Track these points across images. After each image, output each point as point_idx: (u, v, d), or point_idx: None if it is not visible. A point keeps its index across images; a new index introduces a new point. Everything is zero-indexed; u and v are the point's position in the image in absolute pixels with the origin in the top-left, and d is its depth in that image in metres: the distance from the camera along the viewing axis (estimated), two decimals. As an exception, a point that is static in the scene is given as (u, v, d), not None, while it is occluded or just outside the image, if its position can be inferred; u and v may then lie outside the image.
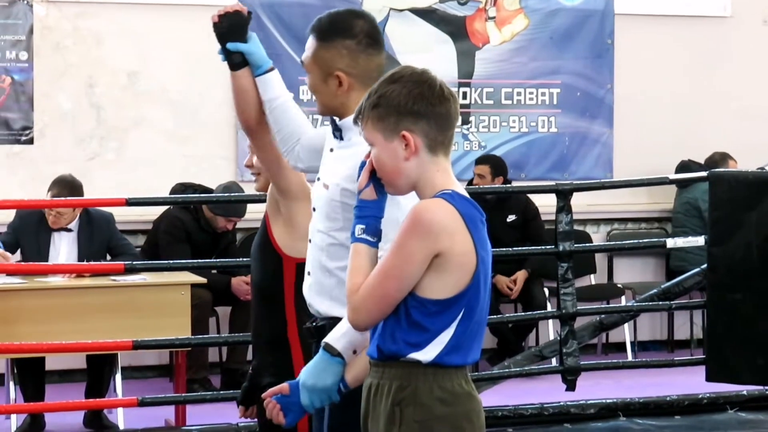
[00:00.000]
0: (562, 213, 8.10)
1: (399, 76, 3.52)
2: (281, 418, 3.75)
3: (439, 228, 3.39)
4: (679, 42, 10.87)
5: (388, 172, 3.51)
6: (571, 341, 8.15)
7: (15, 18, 9.40)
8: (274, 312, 4.56)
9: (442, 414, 3.54)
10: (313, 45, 4.25)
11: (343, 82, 4.08)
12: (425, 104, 3.47)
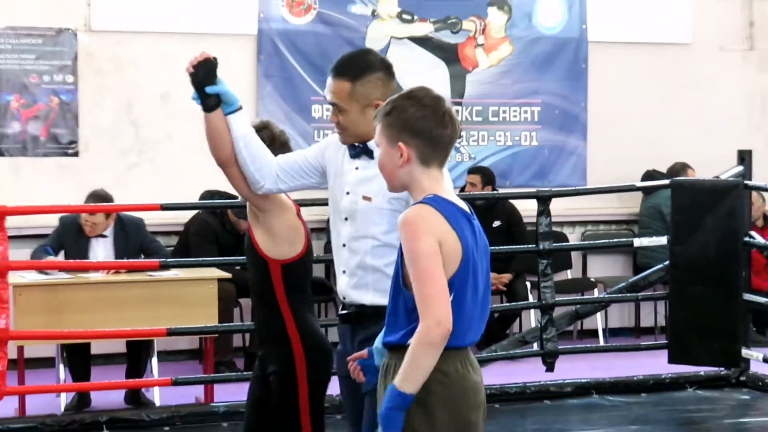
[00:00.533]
0: (542, 216, 8.15)
1: (414, 95, 3.62)
2: (362, 377, 3.81)
3: (427, 225, 3.47)
4: (645, 66, 10.91)
5: (386, 172, 3.65)
6: (550, 328, 8.19)
7: (62, 46, 9.46)
8: (270, 310, 4.61)
9: (437, 392, 3.50)
10: (347, 86, 4.30)
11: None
12: (425, 125, 3.56)
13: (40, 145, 9.42)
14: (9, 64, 9.34)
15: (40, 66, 9.41)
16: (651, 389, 8.44)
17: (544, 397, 8.24)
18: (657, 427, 7.57)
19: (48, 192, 9.20)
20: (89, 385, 7.73)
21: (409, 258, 3.45)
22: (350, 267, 4.27)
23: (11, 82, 9.34)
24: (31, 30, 9.38)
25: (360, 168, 4.29)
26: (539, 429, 7.59)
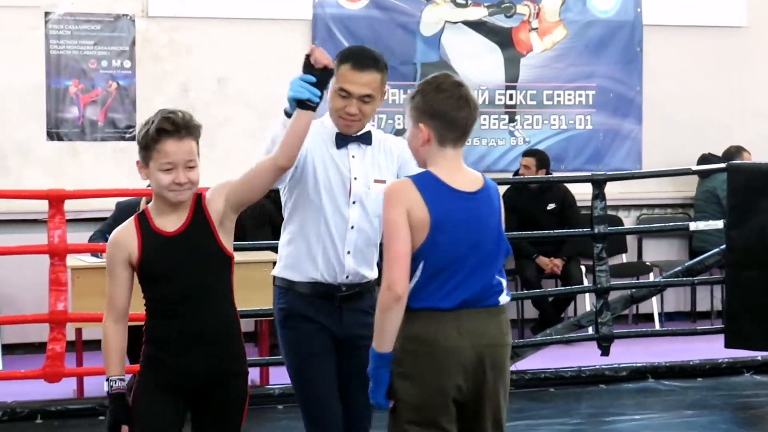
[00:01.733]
0: (597, 200, 8.08)
1: (436, 81, 3.97)
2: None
3: (397, 196, 3.85)
4: (701, 49, 10.78)
5: (413, 149, 4.04)
6: (605, 312, 8.12)
7: (120, 32, 9.47)
8: (232, 309, 4.27)
9: (405, 356, 3.84)
10: (379, 77, 4.59)
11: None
12: (442, 108, 3.91)
13: (97, 129, 9.44)
14: (68, 50, 9.36)
15: (98, 51, 9.42)
16: (707, 374, 8.36)
17: (599, 381, 8.18)
18: (713, 412, 7.48)
19: (105, 176, 9.22)
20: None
21: (384, 221, 3.88)
22: (358, 246, 4.56)
23: (70, 68, 9.36)
24: (90, 16, 9.39)
25: (357, 156, 4.57)
26: (594, 413, 7.52)
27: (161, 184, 4.06)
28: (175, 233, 4.12)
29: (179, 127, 4.02)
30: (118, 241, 4.14)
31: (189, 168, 4.05)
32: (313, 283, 4.56)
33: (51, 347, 7.20)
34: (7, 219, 9.04)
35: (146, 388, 4.13)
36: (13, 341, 8.95)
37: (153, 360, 4.15)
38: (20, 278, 8.83)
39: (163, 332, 4.11)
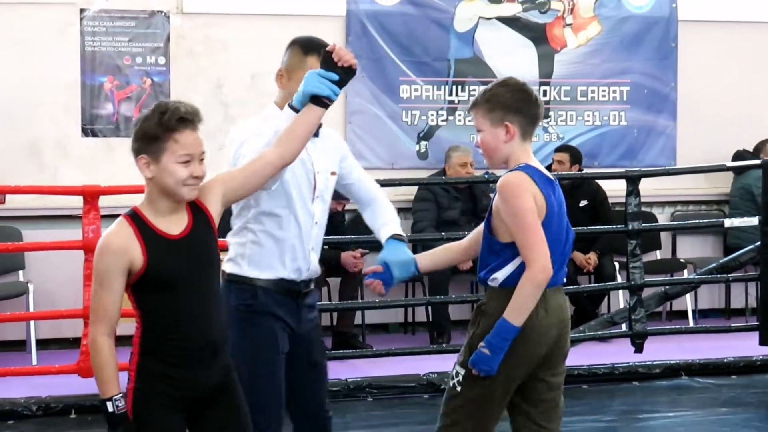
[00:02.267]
0: (631, 196, 8.04)
1: (507, 83, 4.26)
2: (383, 289, 4.53)
3: (525, 186, 4.14)
4: (736, 44, 10.71)
5: (490, 149, 4.26)
6: (639, 309, 8.08)
7: (154, 28, 9.49)
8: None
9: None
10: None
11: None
12: (525, 105, 4.22)
13: (132, 125, 9.43)
14: (103, 47, 9.39)
15: (133, 48, 9.45)
16: (741, 371, 8.30)
17: (632, 378, 8.14)
18: (747, 409, 7.43)
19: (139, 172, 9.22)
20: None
21: (512, 213, 4.13)
22: (318, 242, 4.57)
23: (105, 64, 9.39)
24: (125, 13, 9.42)
25: (311, 148, 4.42)
26: (627, 410, 7.48)
27: (179, 178, 3.79)
28: (180, 236, 3.86)
29: (194, 117, 3.83)
30: (115, 247, 3.78)
31: (201, 161, 3.84)
32: (278, 281, 4.43)
33: (85, 342, 7.23)
34: (43, 215, 9.07)
35: (146, 404, 3.88)
36: (47, 336, 8.98)
37: (151, 374, 3.89)
38: (55, 273, 8.86)
39: (166, 344, 3.86)
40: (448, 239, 8.82)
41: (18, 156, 9.21)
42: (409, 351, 8.07)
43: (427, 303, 9.00)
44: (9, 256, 8.86)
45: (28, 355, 8.66)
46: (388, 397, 7.60)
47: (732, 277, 8.72)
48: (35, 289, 8.86)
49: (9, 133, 9.20)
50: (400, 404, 7.47)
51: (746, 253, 8.47)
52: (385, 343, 8.92)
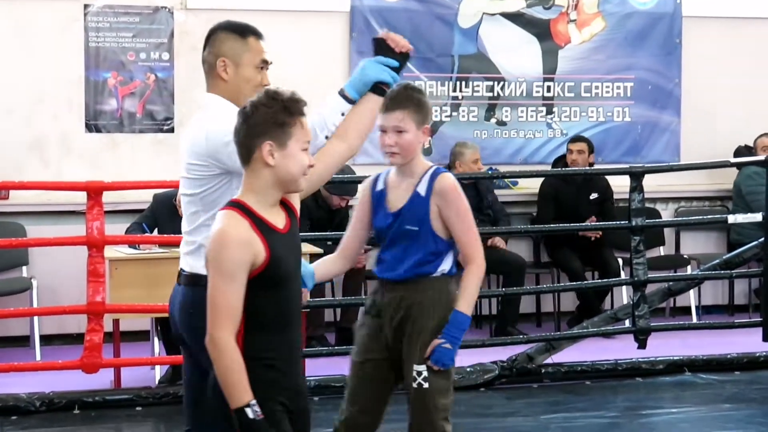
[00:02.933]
0: (635, 192, 8.03)
1: (422, 90, 4.70)
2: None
3: (460, 187, 4.65)
4: (740, 40, 10.69)
5: (410, 149, 4.63)
6: (642, 305, 8.07)
7: (158, 24, 9.48)
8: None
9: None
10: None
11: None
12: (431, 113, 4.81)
13: (136, 121, 9.46)
14: (107, 42, 9.39)
15: (136, 44, 9.44)
16: (745, 367, 8.29)
17: (635, 375, 8.13)
18: (750, 405, 7.42)
19: (144, 168, 9.24)
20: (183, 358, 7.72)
21: (457, 212, 4.52)
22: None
23: (109, 60, 9.39)
24: (129, 8, 9.41)
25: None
26: (630, 406, 7.48)
27: (303, 164, 3.62)
28: (285, 230, 3.64)
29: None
30: (240, 239, 3.50)
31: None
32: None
33: (89, 338, 7.24)
34: (46, 210, 9.07)
35: (276, 418, 3.56)
36: (51, 332, 8.99)
37: (266, 382, 3.55)
38: (58, 269, 8.86)
39: (273, 348, 3.59)
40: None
41: (22, 152, 9.21)
42: (412, 347, 8.05)
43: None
44: (13, 251, 8.86)
45: (32, 350, 8.67)
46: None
47: (735, 273, 8.71)
48: (39, 285, 8.87)
49: (13, 128, 9.20)
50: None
51: (750, 249, 8.45)
52: (389, 339, 8.90)
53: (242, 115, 3.64)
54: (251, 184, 3.61)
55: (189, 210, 4.13)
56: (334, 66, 9.75)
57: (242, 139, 3.62)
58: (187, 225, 4.15)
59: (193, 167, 4.07)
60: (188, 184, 4.12)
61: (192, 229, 4.11)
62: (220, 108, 4.18)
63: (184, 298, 4.07)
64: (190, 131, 4.20)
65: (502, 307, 9.44)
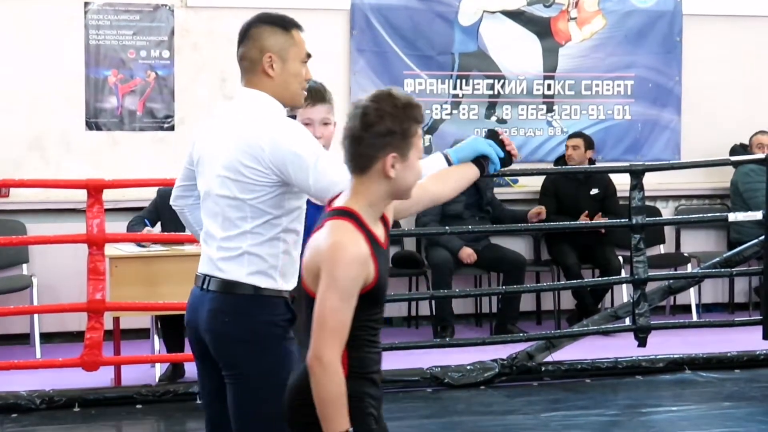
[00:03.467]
0: (635, 190, 8.03)
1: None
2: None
3: None
4: (741, 38, 10.69)
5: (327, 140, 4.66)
6: (642, 303, 8.07)
7: (158, 21, 9.48)
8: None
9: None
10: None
11: None
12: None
13: (136, 119, 9.46)
14: (107, 40, 9.39)
15: (137, 42, 9.44)
16: (745, 365, 8.29)
17: (636, 373, 8.13)
18: (751, 404, 7.42)
19: (144, 166, 9.24)
20: (183, 356, 7.74)
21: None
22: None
23: (109, 58, 9.39)
24: (129, 6, 9.41)
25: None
26: (631, 404, 7.48)
27: (419, 175, 3.52)
28: (385, 245, 3.49)
29: None
30: (362, 258, 3.32)
31: None
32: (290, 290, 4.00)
33: (89, 336, 7.24)
34: (47, 208, 9.07)
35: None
36: (51, 330, 8.99)
37: (371, 397, 3.47)
38: (59, 267, 8.87)
39: (377, 360, 3.50)
40: (452, 233, 8.85)
41: (22, 149, 9.21)
42: (412, 345, 8.07)
43: (430, 297, 8.99)
44: (13, 249, 8.87)
45: (32, 348, 8.67)
46: (392, 390, 7.59)
47: (735, 272, 8.71)
48: (39, 283, 8.87)
49: (13, 126, 9.20)
50: (404, 398, 7.47)
51: (750, 247, 8.45)
52: (389, 337, 8.89)
53: (363, 121, 3.39)
54: (364, 194, 3.40)
55: (231, 214, 3.89)
56: (334, 63, 9.75)
57: (363, 149, 3.38)
58: (226, 229, 3.90)
59: (248, 170, 3.84)
60: (235, 187, 3.87)
61: (235, 234, 3.88)
62: (270, 108, 3.97)
63: (217, 305, 3.87)
64: (240, 129, 3.91)
65: (502, 305, 9.45)
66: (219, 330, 3.87)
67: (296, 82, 4.05)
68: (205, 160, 4.01)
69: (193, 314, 3.98)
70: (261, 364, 3.83)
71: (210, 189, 3.97)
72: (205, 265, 3.98)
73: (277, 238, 3.89)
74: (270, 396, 3.78)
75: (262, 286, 3.87)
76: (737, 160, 9.15)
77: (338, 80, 9.75)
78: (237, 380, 3.87)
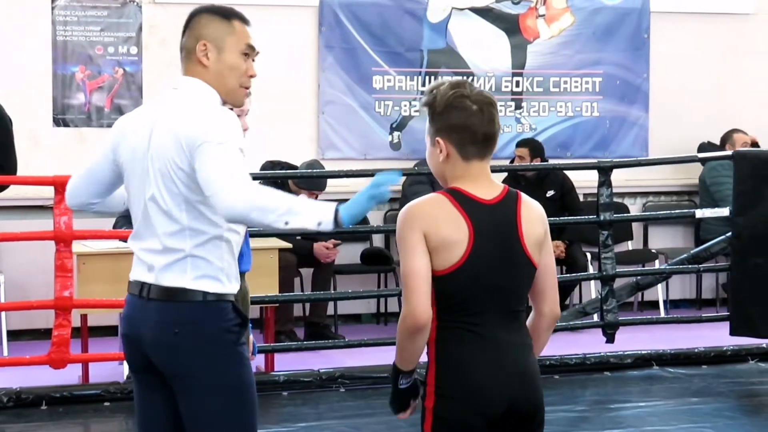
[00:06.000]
0: (603, 187, 8.05)
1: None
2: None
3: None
4: (708, 36, 10.74)
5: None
6: (610, 299, 8.10)
7: (126, 17, 9.44)
8: None
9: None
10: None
11: None
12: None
13: (104, 115, 9.41)
14: (74, 36, 9.34)
15: (105, 38, 9.40)
16: (712, 361, 8.33)
17: (604, 369, 8.16)
18: (718, 399, 7.46)
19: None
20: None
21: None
22: None
23: (76, 54, 9.34)
24: (97, 2, 9.37)
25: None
26: (599, 400, 7.50)
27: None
28: None
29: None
30: None
31: None
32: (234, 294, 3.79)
33: (56, 333, 7.20)
34: (14, 205, 9.02)
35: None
36: (18, 327, 8.94)
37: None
38: (26, 264, 8.82)
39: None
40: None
41: (-11, 146, 9.15)
42: (381, 341, 8.05)
43: (399, 293, 8.97)
44: (-20, 246, 8.82)
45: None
46: (361, 387, 7.59)
47: (703, 268, 8.75)
48: (6, 280, 8.81)
49: (-20, 122, 9.14)
50: (373, 395, 7.46)
51: (717, 243, 8.49)
52: (358, 334, 8.92)
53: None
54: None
55: (171, 212, 3.69)
56: (303, 60, 9.74)
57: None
58: (165, 230, 3.69)
59: (182, 163, 3.64)
60: (170, 182, 3.67)
61: (174, 233, 3.67)
62: (203, 95, 3.76)
63: (164, 315, 3.66)
64: (171, 119, 3.68)
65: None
66: (167, 343, 3.63)
67: (232, 75, 3.78)
68: (137, 156, 3.72)
69: (134, 327, 3.72)
70: (216, 373, 3.64)
71: (143, 186, 3.71)
72: (142, 271, 3.72)
73: (219, 237, 3.66)
74: (227, 405, 3.65)
75: (210, 290, 3.65)
76: (705, 156, 9.20)
77: (307, 76, 9.75)
78: (190, 391, 3.65)
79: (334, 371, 7.73)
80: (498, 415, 3.44)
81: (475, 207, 3.47)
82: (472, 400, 3.43)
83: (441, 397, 3.47)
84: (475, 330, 3.45)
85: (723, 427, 6.81)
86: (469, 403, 3.43)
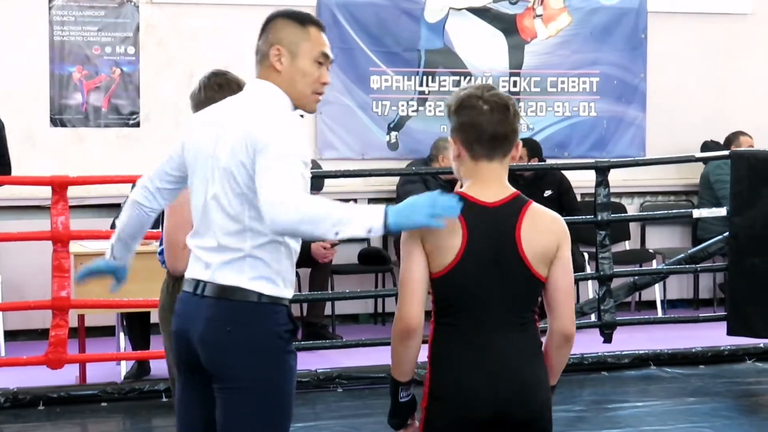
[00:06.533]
0: (601, 187, 8.05)
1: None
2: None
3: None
4: (705, 36, 10.74)
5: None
6: (608, 299, 8.09)
7: (123, 18, 9.43)
8: None
9: None
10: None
11: None
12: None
13: (101, 116, 9.41)
14: (72, 36, 9.33)
15: (102, 38, 9.39)
16: (709, 361, 8.34)
17: (601, 369, 8.16)
18: (715, 399, 7.46)
19: (109, 162, 9.19)
20: (149, 353, 7.71)
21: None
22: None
23: (74, 54, 9.34)
24: (94, 2, 9.36)
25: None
26: (596, 400, 7.50)
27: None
28: None
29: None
30: None
31: None
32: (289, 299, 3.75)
33: (54, 333, 7.20)
34: (11, 205, 9.01)
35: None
36: (15, 327, 8.93)
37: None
38: (23, 264, 8.81)
39: None
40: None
41: (-14, 146, 9.14)
42: (379, 341, 8.04)
43: (396, 294, 8.98)
44: (-23, 246, 8.81)
45: (-3, 346, 8.63)
46: (359, 387, 7.59)
47: (700, 268, 8.75)
48: (3, 280, 8.81)
49: (-23, 123, 9.14)
50: (371, 395, 7.46)
51: (714, 243, 8.49)
52: (355, 334, 8.91)
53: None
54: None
55: (230, 211, 3.64)
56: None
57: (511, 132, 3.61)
58: (224, 229, 3.64)
59: (248, 163, 3.60)
60: (234, 182, 3.62)
61: (234, 232, 3.63)
62: (275, 99, 3.72)
63: (217, 313, 3.62)
64: (240, 119, 3.65)
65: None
66: (217, 340, 3.60)
67: (304, 82, 3.72)
68: (201, 154, 3.70)
69: (186, 323, 3.69)
70: (259, 378, 3.59)
71: (206, 185, 3.67)
72: (198, 269, 3.68)
73: (279, 241, 3.61)
74: (266, 414, 3.61)
75: (265, 292, 3.62)
76: (702, 156, 9.20)
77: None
78: (232, 393, 3.61)
79: (331, 371, 7.73)
80: (486, 420, 3.44)
81: (475, 210, 3.46)
82: (457, 401, 3.47)
83: (432, 397, 3.55)
84: (467, 333, 3.47)
85: (720, 426, 6.81)
86: (455, 404, 3.47)
